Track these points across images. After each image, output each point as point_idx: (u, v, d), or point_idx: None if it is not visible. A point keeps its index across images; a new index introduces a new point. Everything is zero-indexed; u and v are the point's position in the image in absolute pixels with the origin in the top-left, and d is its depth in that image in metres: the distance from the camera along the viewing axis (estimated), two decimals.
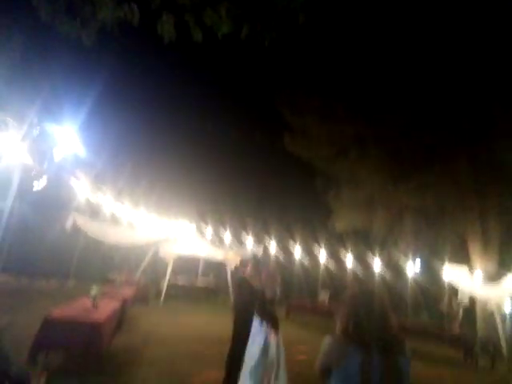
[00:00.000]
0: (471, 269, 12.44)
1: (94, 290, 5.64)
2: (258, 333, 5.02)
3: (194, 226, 14.16)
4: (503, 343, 10.84)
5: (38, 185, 5.16)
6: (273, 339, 5.01)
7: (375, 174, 13.37)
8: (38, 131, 5.01)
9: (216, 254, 14.24)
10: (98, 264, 13.32)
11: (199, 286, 15.17)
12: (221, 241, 15.25)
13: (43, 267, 12.87)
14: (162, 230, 13.20)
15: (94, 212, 11.13)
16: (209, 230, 15.23)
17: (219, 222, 16.03)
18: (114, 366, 5.21)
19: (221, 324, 8.97)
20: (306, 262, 16.00)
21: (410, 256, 14.48)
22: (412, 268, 14.07)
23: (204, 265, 16.09)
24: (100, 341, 4.72)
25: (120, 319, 6.93)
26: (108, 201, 10.87)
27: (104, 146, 11.20)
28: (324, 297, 13.59)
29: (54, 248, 12.66)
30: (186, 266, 15.15)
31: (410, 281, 14.38)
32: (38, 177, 5.10)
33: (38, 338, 4.42)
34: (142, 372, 5.29)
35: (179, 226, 13.72)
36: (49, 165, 5.32)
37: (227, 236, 15.50)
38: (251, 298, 5.14)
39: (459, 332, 10.97)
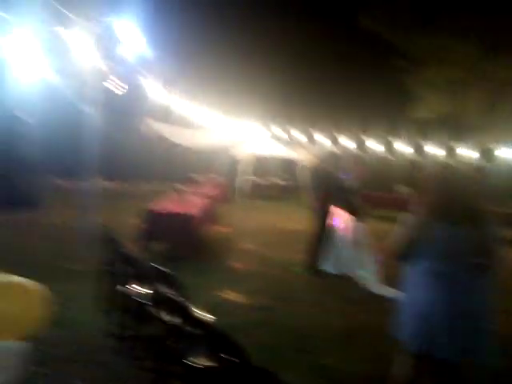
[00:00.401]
0: None
1: (184, 188, 5.99)
2: (339, 220, 5.06)
3: (265, 126, 13.98)
4: None
5: (121, 89, 5.14)
6: (353, 226, 5.02)
7: (470, 44, 11.29)
8: (102, 28, 4.81)
9: (289, 153, 14.14)
10: (179, 166, 14.09)
11: (275, 185, 15.54)
12: (294, 140, 15.01)
13: (130, 171, 14.00)
14: (235, 131, 13.24)
15: (167, 114, 11.29)
16: (281, 130, 14.98)
17: (291, 122, 15.61)
18: (211, 252, 5.71)
19: (299, 219, 9.14)
20: (382, 155, 15.27)
21: (506, 142, 12.92)
22: (507, 155, 12.67)
23: (278, 164, 16.23)
24: (196, 230, 5.11)
25: (210, 214, 7.40)
26: (180, 103, 10.85)
27: (169, 44, 10.77)
28: (401, 190, 13.06)
29: (136, 153, 13.52)
30: (261, 166, 15.42)
31: (502, 169, 13.09)
32: (118, 81, 5.06)
33: (143, 229, 4.88)
34: (234, 256, 5.76)
35: (251, 127, 13.64)
36: (120, 66, 5.22)
37: (300, 135, 15.17)
38: (331, 189, 5.12)
39: None
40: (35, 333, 1.41)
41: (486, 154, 12.88)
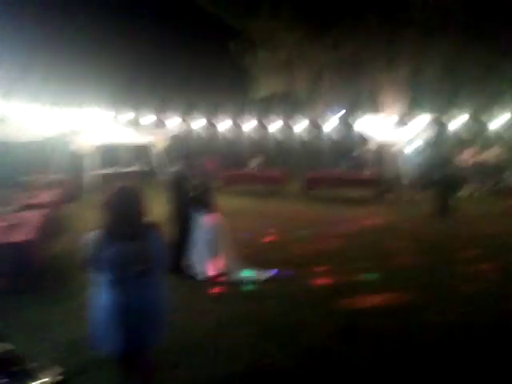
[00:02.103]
0: (382, 117, 13.55)
1: (9, 207, 5.11)
2: (198, 220, 5.18)
3: (110, 113, 12.88)
4: (405, 180, 12.68)
5: None
6: (212, 222, 5.22)
7: (290, 32, 12.62)
8: None
9: (139, 138, 13.48)
10: (4, 168, 11.87)
11: (128, 174, 14.65)
12: (142, 124, 14.33)
13: None
14: (75, 121, 11.83)
15: None
16: (128, 115, 14.07)
17: (138, 106, 14.78)
18: (55, 278, 4.98)
19: (158, 207, 8.77)
20: (233, 134, 16.04)
21: (329, 114, 15.18)
22: (330, 125, 14.95)
23: (129, 151, 15.29)
24: (32, 256, 4.51)
25: (50, 227, 6.57)
26: None
27: None
28: (255, 164, 14.09)
29: None
30: (110, 156, 14.26)
31: (329, 136, 15.44)
32: None
33: None
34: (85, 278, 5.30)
35: (94, 115, 12.39)
36: None
37: (149, 118, 14.54)
38: (186, 191, 5.14)
39: (370, 175, 12.55)
40: None
41: (314, 125, 14.94)
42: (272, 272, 5.16)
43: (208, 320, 4.00)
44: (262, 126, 15.59)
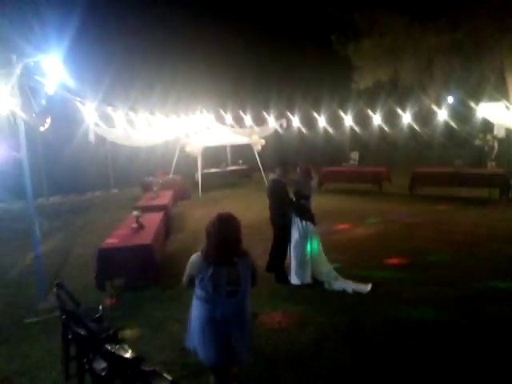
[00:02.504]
0: (509, 103, 11.65)
1: (136, 212, 5.90)
2: (297, 230, 5.24)
3: (214, 115, 13.87)
4: None
5: (44, 125, 4.93)
6: (309, 230, 5.23)
7: (399, 16, 11.67)
8: (21, 68, 4.54)
9: (241, 138, 14.14)
10: (132, 170, 13.84)
11: (232, 171, 15.62)
12: (244, 124, 15.06)
13: (85, 183, 13.70)
14: (182, 126, 13.06)
15: (110, 126, 11.07)
16: (230, 116, 14.98)
17: (240, 106, 15.58)
18: (171, 274, 5.49)
19: (259, 205, 8.70)
20: (332, 128, 15.69)
21: (441, 100, 13.71)
22: (443, 112, 13.46)
23: (232, 151, 16.24)
24: (154, 257, 5.15)
25: (166, 227, 7.41)
26: (121, 117, 10.77)
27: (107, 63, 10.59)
28: (354, 158, 13.51)
29: (87, 164, 13.24)
30: (215, 155, 15.41)
31: (442, 124, 13.94)
32: (41, 117, 4.84)
33: (99, 269, 4.88)
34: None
35: (200, 119, 13.48)
36: (46, 100, 4.99)
37: (249, 118, 15.21)
38: (284, 199, 5.23)
39: (494, 169, 10.86)
40: None
41: (423, 115, 13.64)
42: (369, 285, 4.96)
43: (309, 331, 3.97)
44: (365, 119, 14.89)
